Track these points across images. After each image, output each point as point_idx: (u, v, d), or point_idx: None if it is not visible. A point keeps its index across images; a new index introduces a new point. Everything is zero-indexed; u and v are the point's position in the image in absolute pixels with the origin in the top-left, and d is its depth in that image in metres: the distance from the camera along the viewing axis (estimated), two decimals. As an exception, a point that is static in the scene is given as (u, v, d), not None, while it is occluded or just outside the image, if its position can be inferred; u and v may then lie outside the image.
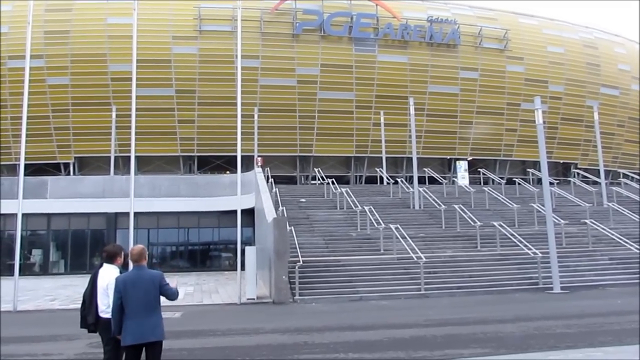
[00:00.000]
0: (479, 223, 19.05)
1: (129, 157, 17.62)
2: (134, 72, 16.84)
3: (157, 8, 32.75)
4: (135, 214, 16.20)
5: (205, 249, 28.74)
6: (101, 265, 5.69)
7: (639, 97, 40.58)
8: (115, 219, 26.64)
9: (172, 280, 5.41)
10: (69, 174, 32.73)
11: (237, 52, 17.89)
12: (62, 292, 18.33)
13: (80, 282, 21.51)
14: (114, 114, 30.00)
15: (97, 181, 28.28)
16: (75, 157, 33.02)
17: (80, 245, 27.33)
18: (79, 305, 5.91)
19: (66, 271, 26.79)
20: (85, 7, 32.83)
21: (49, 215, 26.69)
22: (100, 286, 5.50)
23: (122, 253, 5.75)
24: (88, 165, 33.64)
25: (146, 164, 33.30)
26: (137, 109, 17.06)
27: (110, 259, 5.68)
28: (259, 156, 28.75)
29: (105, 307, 5.41)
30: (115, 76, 31.47)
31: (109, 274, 5.48)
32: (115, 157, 30.37)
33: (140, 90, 27.88)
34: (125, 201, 16.83)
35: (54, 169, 32.85)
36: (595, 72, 39.18)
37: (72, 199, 26.39)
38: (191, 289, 18.53)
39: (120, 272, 5.48)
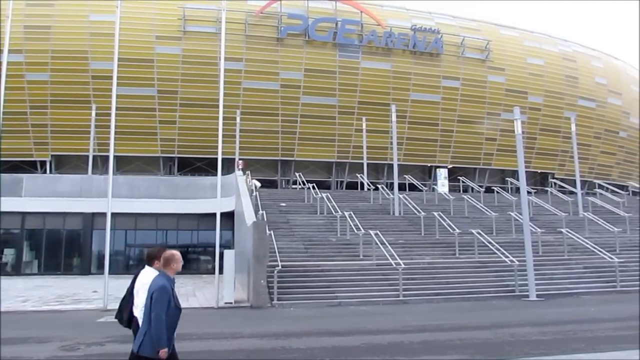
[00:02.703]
0: (457, 230, 19.20)
1: (107, 157, 17.36)
2: (115, 70, 16.62)
3: (141, 7, 32.43)
4: (113, 214, 15.97)
5: (184, 251, 28.35)
6: (143, 267, 5.59)
7: (639, 107, 41.45)
8: (92, 219, 26.23)
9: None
10: (45, 172, 32.13)
11: (221, 54, 17.79)
12: (35, 293, 17.93)
13: (54, 283, 21.24)
14: (93, 112, 29.58)
15: (75, 180, 27.81)
16: (52, 155, 32.43)
17: (55, 246, 26.81)
18: (51, 307, 5.81)
19: (40, 272, 26.26)
20: (68, 3, 32.34)
21: (23, 214, 26.13)
22: (136, 287, 5.47)
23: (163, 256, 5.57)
24: (66, 163, 33.08)
25: (125, 164, 32.88)
26: (117, 108, 16.82)
27: (149, 262, 5.56)
28: (240, 159, 28.60)
29: (136, 305, 5.39)
30: (96, 74, 31.04)
31: (145, 276, 5.40)
32: (94, 156, 29.92)
33: (122, 89, 27.64)
34: (103, 201, 16.56)
35: (30, 166, 32.23)
36: (573, 84, 39.94)
37: (48, 197, 25.90)
38: (168, 291, 18.26)
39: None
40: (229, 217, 23.51)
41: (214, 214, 15.91)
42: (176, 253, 5.10)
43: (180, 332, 10.79)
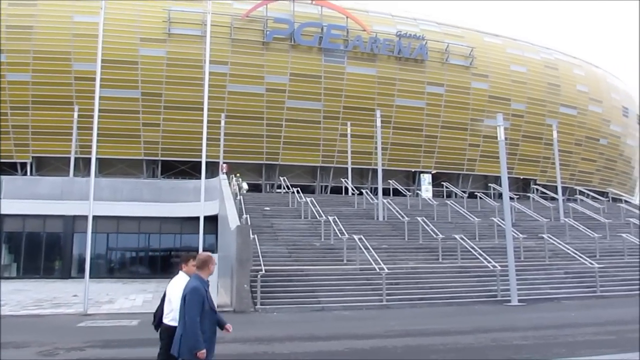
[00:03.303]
0: (441, 235, 19.31)
1: (89, 159, 17.14)
2: (99, 72, 16.45)
3: (126, 9, 32.21)
4: (95, 217, 15.77)
5: (167, 255, 28.15)
6: (177, 273, 5.54)
7: None
8: (73, 222, 25.87)
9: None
10: (25, 174, 31.64)
11: (206, 57, 17.73)
12: (14, 297, 17.59)
13: (33, 287, 20.88)
14: (75, 114, 29.25)
15: (56, 182, 27.43)
16: (33, 157, 31.95)
17: (34, 249, 26.37)
18: (30, 312, 5.72)
19: (18, 275, 25.81)
20: (51, 4, 31.98)
21: (2, 216, 25.66)
22: (167, 293, 5.40)
23: (190, 260, 5.41)
24: (46, 165, 32.59)
25: (108, 167, 32.51)
26: (100, 110, 16.64)
27: (180, 267, 5.51)
28: (224, 162, 28.48)
29: (167, 312, 5.30)
30: (78, 75, 30.71)
31: (176, 282, 5.34)
32: (76, 158, 29.53)
33: (105, 91, 27.30)
34: (84, 204, 16.34)
35: (9, 168, 31.70)
36: (555, 92, 40.53)
37: (27, 200, 25.51)
38: (150, 296, 18.09)
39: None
40: (212, 221, 23.37)
41: (198, 218, 15.82)
42: (212, 255, 5.05)
43: (162, 337, 10.62)
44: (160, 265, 27.71)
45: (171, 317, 5.19)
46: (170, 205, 26.42)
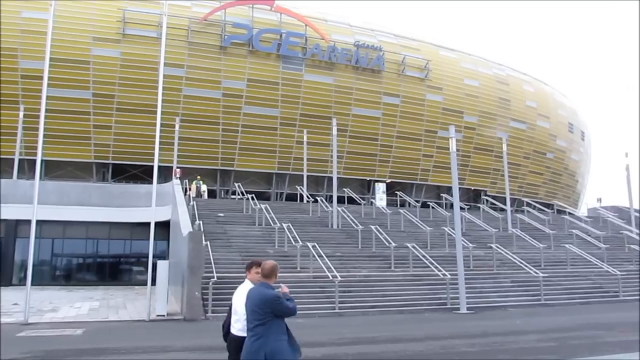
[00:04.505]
0: (393, 244, 19.55)
1: (35, 161, 16.44)
2: (46, 70, 15.85)
3: (79, 6, 31.26)
4: (39, 222, 15.16)
5: (116, 261, 27.29)
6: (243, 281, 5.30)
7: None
8: (15, 227, 24.73)
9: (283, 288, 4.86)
10: (-35, 175, 30.06)
11: (161, 59, 17.38)
12: (-53, 304, 16.63)
13: (-31, 294, 19.70)
14: (21, 114, 28.04)
15: (-2, 185, 26.17)
16: (-27, 158, 30.42)
17: (-28, 254, 25.04)
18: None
19: (-46, 282, 24.42)
20: (-3, -2, 30.69)
21: (-63, 220, 24.29)
22: (233, 301, 5.20)
23: (253, 267, 5.19)
24: (-12, 167, 31.09)
25: (55, 169, 31.29)
26: (48, 110, 16.09)
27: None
28: (178, 167, 27.95)
29: (234, 321, 5.09)
30: (25, 73, 29.51)
31: (242, 290, 5.11)
32: (20, 159, 28.29)
33: (54, 90, 26.45)
34: (29, 208, 15.65)
35: (-53, 169, 30.05)
36: (506, 106, 41.94)
37: (-34, 202, 24.22)
38: (97, 304, 17.52)
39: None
40: (164, 227, 22.87)
41: (149, 224, 15.43)
42: (275, 262, 4.96)
43: (109, 346, 10.37)
44: (109, 272, 26.87)
45: (238, 327, 5.00)
46: (120, 210, 25.66)
